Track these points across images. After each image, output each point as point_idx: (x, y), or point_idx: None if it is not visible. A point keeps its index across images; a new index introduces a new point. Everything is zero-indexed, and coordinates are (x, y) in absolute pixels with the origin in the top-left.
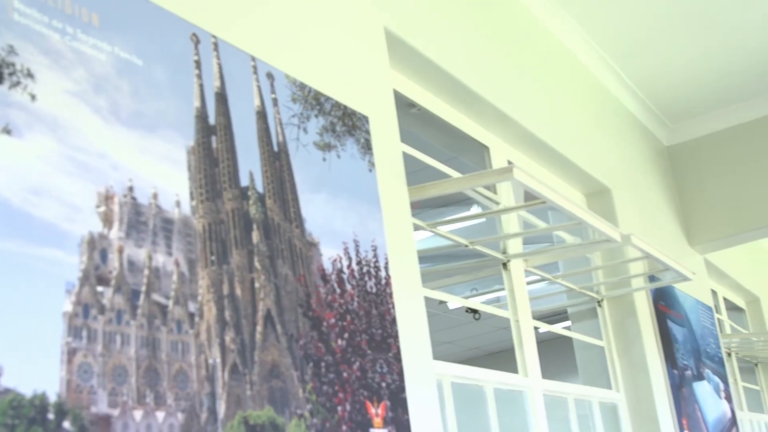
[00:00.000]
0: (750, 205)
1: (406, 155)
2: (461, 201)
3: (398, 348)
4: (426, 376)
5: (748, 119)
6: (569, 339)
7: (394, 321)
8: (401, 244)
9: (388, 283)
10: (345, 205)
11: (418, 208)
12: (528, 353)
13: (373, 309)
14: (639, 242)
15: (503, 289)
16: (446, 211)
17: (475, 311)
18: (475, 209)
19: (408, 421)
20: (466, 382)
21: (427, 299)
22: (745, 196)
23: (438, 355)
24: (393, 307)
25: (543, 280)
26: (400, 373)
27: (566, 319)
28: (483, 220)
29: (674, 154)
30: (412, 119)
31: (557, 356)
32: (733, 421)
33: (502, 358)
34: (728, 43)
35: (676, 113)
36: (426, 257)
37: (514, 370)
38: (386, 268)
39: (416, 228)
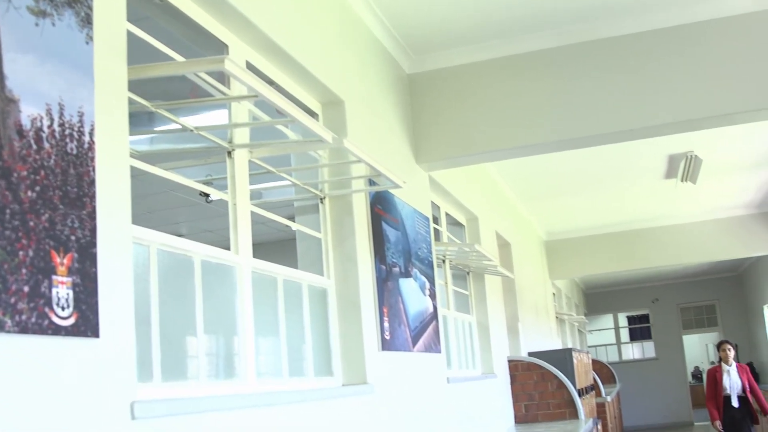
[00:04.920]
0: (474, 133)
1: (157, 51)
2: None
3: (94, 207)
4: (121, 236)
5: (482, 59)
6: None
7: (93, 183)
8: (112, 115)
9: (91, 148)
10: (53, 71)
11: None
12: (241, 233)
13: (71, 169)
14: (351, 146)
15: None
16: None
17: (206, 195)
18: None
19: (95, 273)
20: (174, 251)
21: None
22: (470, 125)
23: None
24: (93, 171)
25: (268, 172)
26: (93, 230)
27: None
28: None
29: (414, 81)
30: (156, 10)
31: None
32: (434, 315)
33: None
34: None
35: (420, 45)
36: (163, 139)
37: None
38: (91, 134)
39: (143, 109)
